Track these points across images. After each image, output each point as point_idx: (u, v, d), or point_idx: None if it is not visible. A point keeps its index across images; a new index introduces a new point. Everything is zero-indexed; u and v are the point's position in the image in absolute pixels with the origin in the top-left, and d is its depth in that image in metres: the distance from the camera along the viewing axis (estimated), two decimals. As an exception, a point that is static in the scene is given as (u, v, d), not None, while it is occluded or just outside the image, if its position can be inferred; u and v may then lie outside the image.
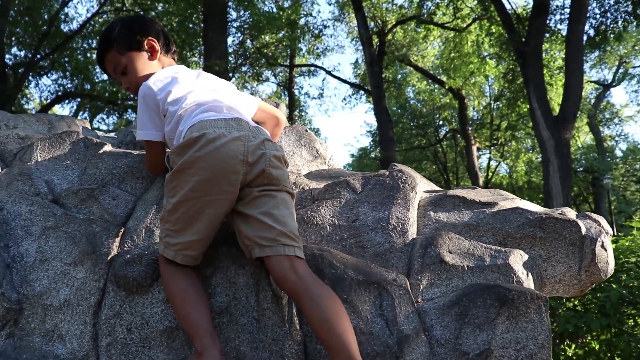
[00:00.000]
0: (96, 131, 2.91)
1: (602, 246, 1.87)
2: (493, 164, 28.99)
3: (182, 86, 1.85)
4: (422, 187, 2.11)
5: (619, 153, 31.42)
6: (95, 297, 1.83)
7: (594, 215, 1.99)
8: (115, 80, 2.09)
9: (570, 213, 1.97)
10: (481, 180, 23.81)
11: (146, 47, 2.00)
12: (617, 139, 31.50)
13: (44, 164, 2.23)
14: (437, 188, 2.26)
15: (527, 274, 1.81)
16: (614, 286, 5.09)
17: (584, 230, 1.89)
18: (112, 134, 3.02)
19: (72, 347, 1.81)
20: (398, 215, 1.87)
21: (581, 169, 28.10)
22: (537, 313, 1.68)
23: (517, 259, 1.81)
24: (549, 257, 1.89)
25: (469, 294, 1.69)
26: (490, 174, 28.18)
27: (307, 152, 2.41)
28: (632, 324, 5.25)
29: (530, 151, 28.62)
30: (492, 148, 27.37)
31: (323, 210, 1.89)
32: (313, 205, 1.90)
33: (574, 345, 5.62)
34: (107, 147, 2.27)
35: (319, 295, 1.47)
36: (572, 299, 5.52)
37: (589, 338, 5.46)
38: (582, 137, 30.47)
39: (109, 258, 1.84)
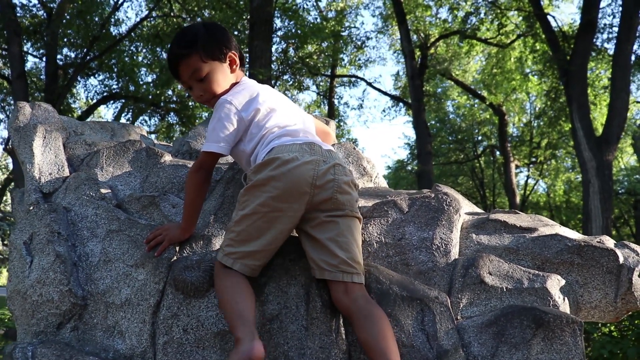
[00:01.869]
0: (151, 138, 3.08)
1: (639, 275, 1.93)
2: (531, 182, 28.58)
3: (264, 107, 1.92)
4: (465, 209, 2.20)
5: (662, 175, 30.57)
6: (154, 298, 1.97)
7: (633, 245, 2.05)
8: (182, 86, 2.10)
9: (609, 242, 2.03)
10: (518, 198, 23.50)
11: (228, 60, 2.03)
12: (660, 159, 30.66)
13: (109, 171, 2.40)
14: (479, 210, 2.34)
15: (564, 299, 1.88)
16: (651, 312, 5.05)
17: (621, 259, 1.95)
18: (164, 143, 3.19)
19: (132, 343, 1.95)
20: (442, 236, 1.97)
21: (623, 190, 27.46)
22: (572, 336, 1.75)
23: (555, 283, 1.89)
24: (586, 284, 1.96)
25: (507, 315, 1.77)
26: (527, 191, 27.78)
27: (354, 169, 2.52)
28: (670, 353, 5.19)
29: (570, 170, 28.10)
30: (530, 166, 26.99)
31: (371, 227, 2.01)
32: (362, 223, 2.01)
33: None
34: (167, 157, 2.42)
35: (366, 317, 1.60)
36: (608, 325, 5.47)
37: (625, 366, 5.41)
38: (625, 158, 29.76)
39: (169, 263, 1.98)
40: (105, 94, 19.86)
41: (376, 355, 1.57)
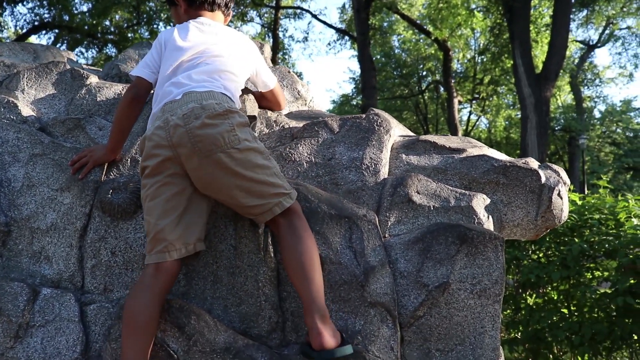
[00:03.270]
0: (80, 63, 2.94)
1: (559, 195, 2.01)
2: (473, 117, 29.17)
3: (174, 51, 1.86)
4: (397, 132, 2.21)
5: (597, 114, 31.75)
6: (81, 222, 1.92)
7: (554, 166, 2.12)
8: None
9: (533, 163, 2.09)
10: (460, 133, 23.99)
11: (176, 2, 2.09)
12: (596, 100, 31.74)
13: (31, 93, 2.28)
14: (411, 134, 2.36)
15: (488, 217, 1.95)
16: (577, 240, 5.34)
17: (543, 179, 2.02)
18: (93, 67, 3.05)
19: (59, 268, 1.92)
20: (371, 156, 1.98)
21: (559, 127, 28.42)
22: (493, 252, 1.82)
23: (480, 202, 1.94)
24: (510, 203, 2.02)
25: (433, 232, 1.82)
26: (470, 127, 28.39)
27: (288, 93, 2.48)
28: (590, 276, 5.54)
29: (511, 107, 28.79)
30: (473, 102, 27.47)
31: (301, 148, 2.00)
32: (292, 143, 2.00)
33: (534, 295, 5.91)
34: (94, 79, 2.32)
35: (292, 235, 1.63)
36: (537, 252, 5.78)
37: (549, 288, 5.75)
38: (563, 96, 30.66)
39: (95, 185, 1.93)
40: (36, 23, 18.74)
41: (296, 270, 1.59)
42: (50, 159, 2.02)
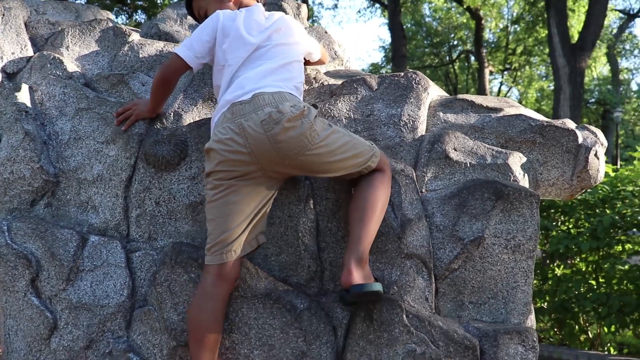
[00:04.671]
0: (118, 22, 2.99)
1: (596, 155, 2.01)
2: (504, 88, 28.69)
3: (238, 43, 1.82)
4: (434, 91, 2.23)
5: (634, 87, 30.92)
6: (126, 173, 2.00)
7: (592, 127, 2.12)
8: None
9: (571, 124, 2.09)
10: (491, 105, 23.65)
11: None
12: (634, 72, 30.88)
13: (75, 50, 2.34)
14: (447, 95, 2.37)
15: (524, 175, 1.96)
16: (608, 212, 5.29)
17: (580, 140, 2.02)
18: (131, 27, 3.10)
19: (105, 217, 2.00)
20: (409, 113, 2.00)
21: (593, 100, 27.79)
22: (528, 209, 1.84)
23: (516, 160, 1.96)
24: (546, 162, 2.03)
25: (469, 187, 1.85)
26: (500, 98, 27.93)
27: (326, 51, 2.50)
28: (620, 249, 5.50)
29: (544, 78, 28.20)
30: (505, 72, 26.99)
31: (340, 104, 2.03)
32: (331, 100, 2.03)
33: (562, 266, 5.89)
34: (136, 36, 2.37)
35: (368, 179, 1.73)
36: (567, 223, 5.74)
37: (578, 259, 5.73)
38: (599, 67, 29.87)
39: (139, 138, 1.99)
40: (65, -10, 18.89)
41: (355, 212, 1.68)
42: (96, 113, 2.09)
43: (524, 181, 1.96)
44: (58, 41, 2.37)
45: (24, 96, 2.15)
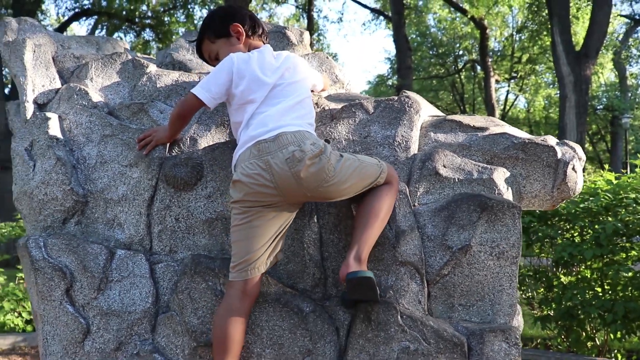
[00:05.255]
0: (133, 52, 3.23)
1: (573, 168, 2.21)
2: (511, 97, 28.81)
3: (256, 84, 2.00)
4: (427, 112, 2.44)
5: (643, 92, 30.84)
6: (148, 193, 2.22)
7: (571, 143, 2.32)
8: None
9: (551, 140, 2.29)
10: (497, 113, 23.79)
11: (232, 33, 2.19)
12: (642, 77, 30.86)
13: (98, 82, 2.58)
14: (441, 114, 2.58)
15: (507, 188, 2.17)
16: (610, 219, 5.43)
17: (559, 155, 2.22)
18: (146, 55, 3.34)
19: (130, 233, 2.22)
20: (403, 134, 2.22)
21: (601, 106, 27.79)
22: (511, 219, 2.05)
23: (501, 175, 2.16)
24: (528, 176, 2.24)
25: (457, 201, 2.06)
26: (507, 107, 28.07)
27: (327, 77, 2.72)
28: (624, 256, 5.62)
29: (551, 86, 28.29)
30: (511, 81, 27.14)
31: (340, 127, 2.25)
32: (332, 123, 2.25)
33: (568, 274, 6.01)
34: (153, 67, 2.60)
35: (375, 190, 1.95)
36: (571, 231, 5.89)
37: (583, 267, 5.85)
38: (606, 73, 29.88)
39: (159, 161, 2.22)
40: (76, 10, 19.31)
41: (360, 217, 1.91)
42: (119, 139, 2.31)
43: (507, 194, 2.16)
44: (83, 73, 2.61)
45: (54, 125, 2.39)
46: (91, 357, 2.09)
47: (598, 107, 27.65)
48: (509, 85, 27.73)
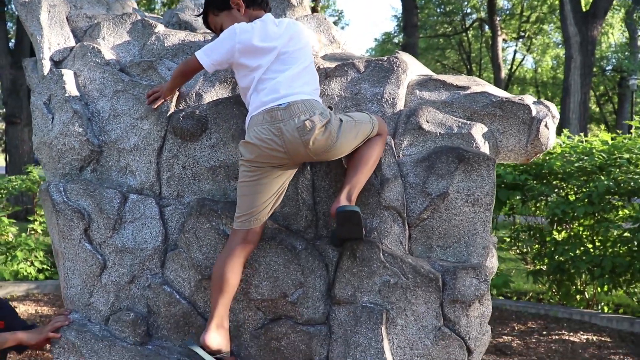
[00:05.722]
0: (142, 11, 3.40)
1: (546, 125, 2.41)
2: (519, 56, 28.58)
3: (260, 47, 2.14)
4: (415, 71, 2.62)
5: (653, 53, 30.46)
6: (157, 143, 2.44)
7: (546, 102, 2.51)
8: None
9: (528, 99, 2.48)
10: (504, 73, 23.71)
11: (233, 5, 2.32)
12: (653, 38, 30.43)
13: (110, 40, 2.76)
14: (431, 73, 2.76)
15: (485, 142, 2.37)
16: (603, 178, 5.61)
17: (534, 113, 2.42)
18: (154, 15, 3.50)
19: (141, 179, 2.45)
20: (390, 92, 2.41)
21: (610, 67, 27.56)
22: (486, 170, 2.26)
23: (479, 130, 2.37)
24: (505, 131, 2.44)
25: (437, 152, 2.27)
26: (514, 67, 27.88)
27: (325, 37, 2.90)
28: (615, 214, 5.82)
29: (559, 46, 28.01)
30: (519, 40, 26.89)
31: (333, 84, 2.45)
32: (326, 81, 2.45)
33: (561, 230, 6.22)
34: (161, 27, 2.78)
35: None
36: (565, 189, 6.07)
37: (576, 224, 6.06)
38: (616, 34, 29.47)
39: (168, 114, 2.43)
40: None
41: (351, 163, 2.14)
42: (131, 94, 2.52)
43: (484, 148, 2.37)
44: (95, 33, 2.79)
45: (70, 81, 2.59)
46: (107, 289, 2.36)
47: (607, 68, 27.42)
48: (516, 45, 27.50)
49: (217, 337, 2.08)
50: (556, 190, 6.13)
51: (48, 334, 2.31)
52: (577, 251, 5.69)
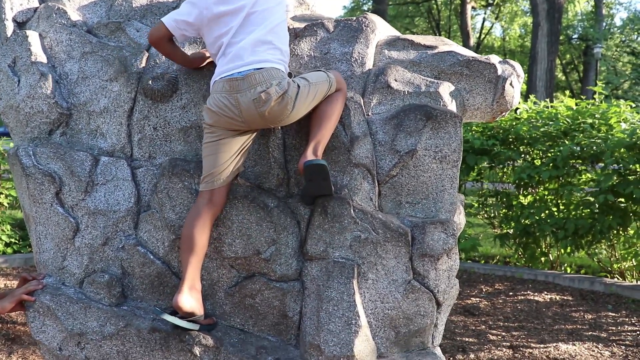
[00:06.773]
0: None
1: (511, 84, 2.47)
2: (487, 24, 28.72)
3: (224, 16, 2.13)
4: (384, 31, 2.65)
5: (618, 22, 30.91)
6: (128, 105, 2.43)
7: (512, 62, 2.56)
8: None
9: (494, 59, 2.54)
10: (472, 41, 23.82)
11: None
12: (618, 7, 30.82)
13: (76, 1, 2.71)
14: (399, 34, 2.79)
15: (452, 101, 2.42)
16: (567, 142, 5.76)
17: (499, 72, 2.47)
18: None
19: (112, 141, 2.44)
20: (359, 51, 2.44)
21: (576, 36, 27.90)
22: (453, 127, 2.32)
23: (446, 89, 2.41)
24: (471, 90, 2.49)
25: (405, 110, 2.32)
26: (483, 34, 28.03)
27: (292, -1, 2.90)
28: (579, 178, 6.00)
29: (527, 14, 28.21)
30: (488, 8, 26.99)
31: (302, 44, 2.46)
32: (295, 41, 2.46)
33: (527, 194, 6.39)
34: (128, -12, 2.74)
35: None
36: (531, 155, 6.21)
37: (541, 188, 6.23)
38: (583, 2, 29.78)
39: (138, 75, 2.42)
40: None
41: (314, 118, 2.18)
42: (99, 56, 2.49)
43: (452, 106, 2.42)
44: (60, -8, 2.74)
45: (35, 42, 2.55)
46: (81, 251, 2.37)
47: (573, 37, 27.76)
48: (485, 13, 27.61)
49: (189, 298, 2.12)
50: (522, 155, 6.28)
51: (22, 296, 2.32)
52: (542, 215, 5.88)
